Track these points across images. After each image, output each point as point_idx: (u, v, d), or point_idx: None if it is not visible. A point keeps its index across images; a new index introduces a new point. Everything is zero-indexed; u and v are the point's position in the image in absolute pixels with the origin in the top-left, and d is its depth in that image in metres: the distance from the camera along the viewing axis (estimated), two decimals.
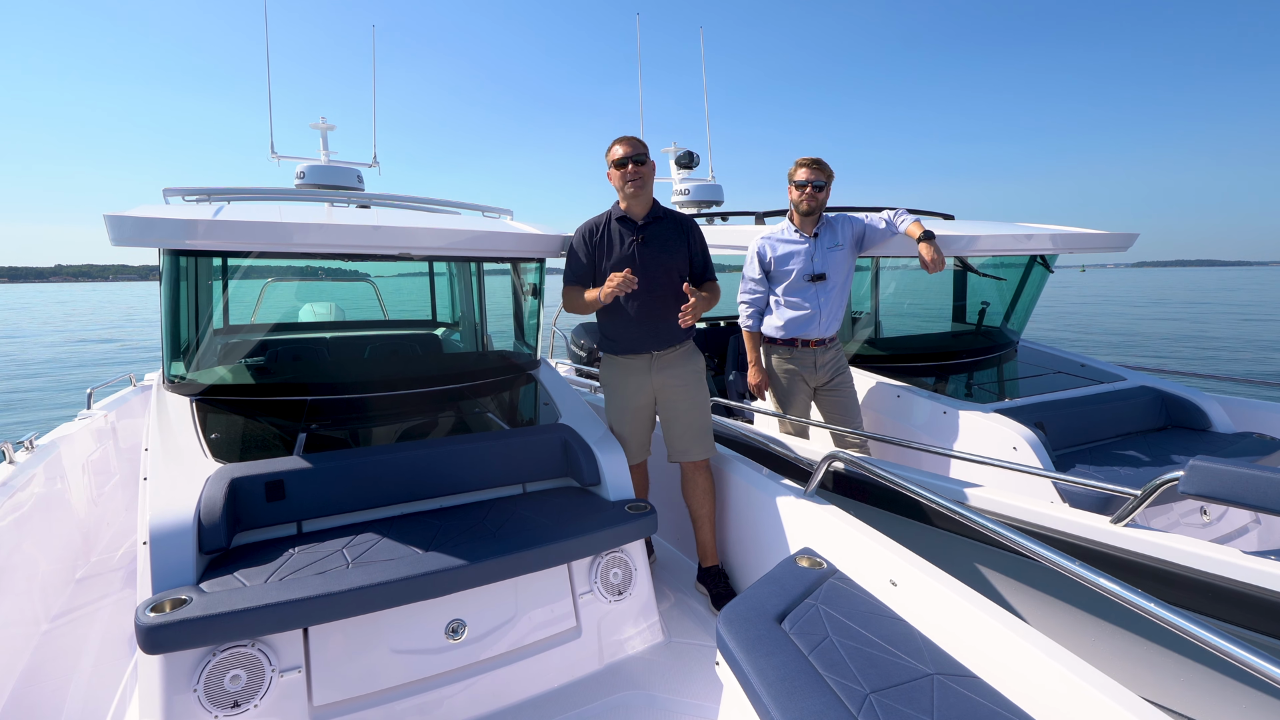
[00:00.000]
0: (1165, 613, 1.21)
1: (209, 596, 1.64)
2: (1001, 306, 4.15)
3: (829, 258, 3.22)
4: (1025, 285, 4.09)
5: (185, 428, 2.28)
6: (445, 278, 4.50)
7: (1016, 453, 2.81)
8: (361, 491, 2.15)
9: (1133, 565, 1.92)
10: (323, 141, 4.81)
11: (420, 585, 1.80)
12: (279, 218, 2.25)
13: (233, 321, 3.87)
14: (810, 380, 3.30)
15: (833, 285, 3.22)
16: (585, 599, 2.23)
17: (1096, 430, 3.15)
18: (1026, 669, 1.41)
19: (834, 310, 3.25)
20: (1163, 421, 3.35)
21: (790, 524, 2.34)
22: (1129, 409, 3.29)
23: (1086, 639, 2.08)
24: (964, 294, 4.21)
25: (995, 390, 3.64)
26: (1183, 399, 3.35)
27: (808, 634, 1.58)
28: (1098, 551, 1.99)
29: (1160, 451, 2.97)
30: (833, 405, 3.32)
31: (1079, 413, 3.16)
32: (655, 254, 2.57)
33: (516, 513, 2.21)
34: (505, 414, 2.82)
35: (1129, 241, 3.61)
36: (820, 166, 3.16)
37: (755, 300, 3.37)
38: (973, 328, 4.20)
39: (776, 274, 3.29)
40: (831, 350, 3.30)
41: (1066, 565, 1.42)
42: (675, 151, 5.92)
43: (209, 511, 1.83)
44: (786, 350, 3.31)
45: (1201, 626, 1.15)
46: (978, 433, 3.00)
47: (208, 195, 3.14)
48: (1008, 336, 4.19)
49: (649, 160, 2.57)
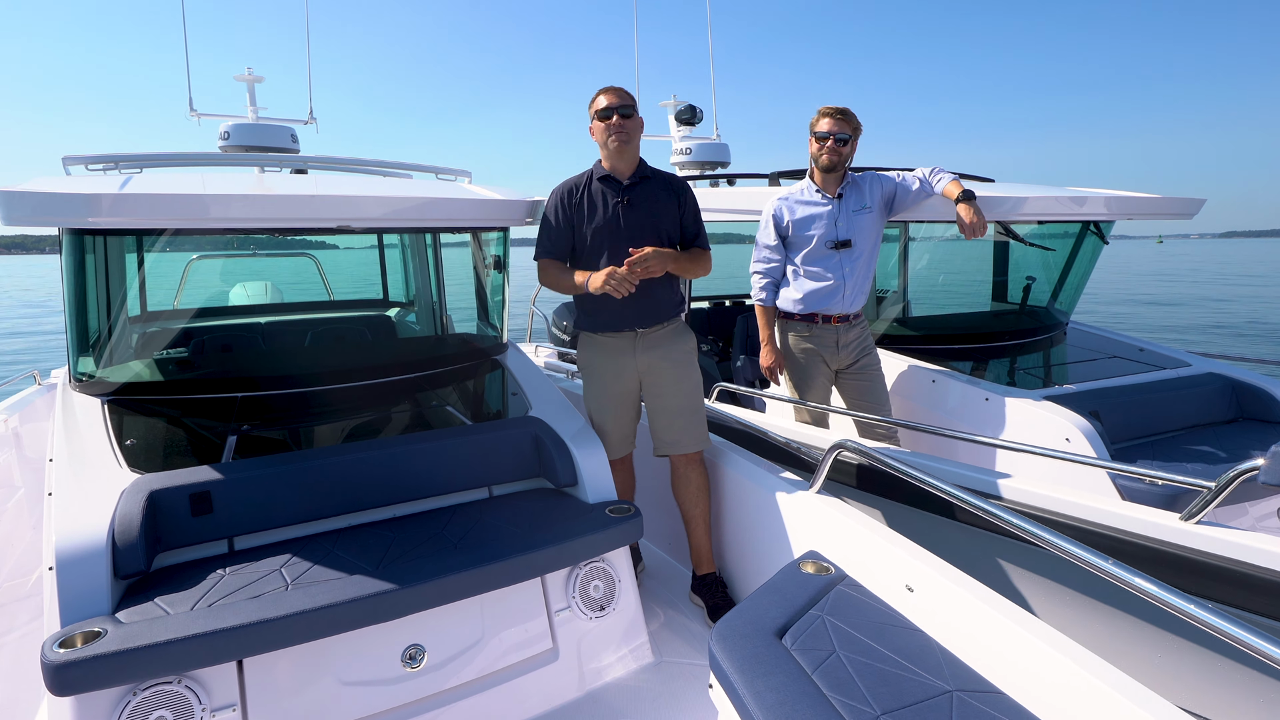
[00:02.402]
0: (1227, 624, 1.12)
1: (126, 628, 1.56)
2: (1049, 282, 3.95)
3: (855, 221, 3.03)
4: (1076, 257, 3.87)
5: (96, 433, 2.17)
6: (398, 250, 4.32)
7: (1070, 444, 2.66)
8: (302, 501, 2.06)
9: (1209, 569, 1.81)
10: (250, 96, 4.50)
11: (371, 607, 1.72)
12: (199, 189, 2.13)
13: (151, 307, 3.68)
14: (832, 362, 3.14)
15: (859, 253, 3.04)
16: (562, 616, 2.15)
17: (1159, 422, 3.00)
18: (1059, 683, 1.36)
19: (860, 282, 3.08)
20: (1234, 413, 3.21)
21: (794, 524, 2.27)
22: (1195, 398, 3.13)
23: (1133, 650, 2.01)
24: (1005, 268, 4.03)
25: (1043, 376, 3.50)
26: (1257, 388, 3.20)
27: (812, 650, 1.53)
28: (1168, 553, 1.88)
29: (1233, 446, 2.83)
30: (857, 390, 3.16)
31: (1139, 401, 3.02)
32: (642, 218, 2.45)
33: (482, 520, 2.14)
34: (468, 407, 2.74)
35: (1195, 207, 3.44)
36: (846, 117, 2.97)
37: (770, 270, 3.18)
38: (1016, 306, 4.02)
39: (795, 240, 3.10)
40: (856, 328, 3.14)
41: (1104, 566, 1.36)
42: (675, 106, 5.52)
43: (124, 530, 1.75)
44: (805, 327, 3.13)
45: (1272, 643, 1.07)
46: (1025, 422, 2.85)
47: (115, 163, 2.97)
48: (1056, 316, 4.02)
49: (637, 115, 2.45)
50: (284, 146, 4.20)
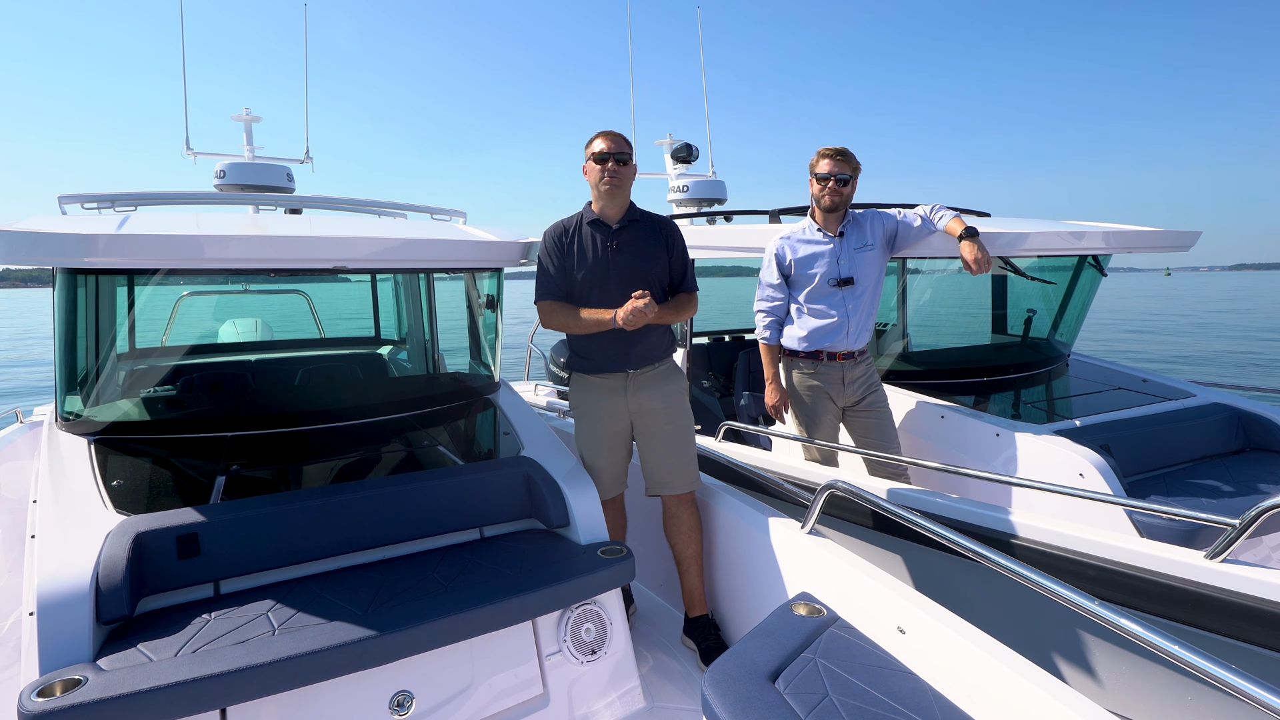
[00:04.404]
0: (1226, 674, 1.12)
1: (108, 675, 1.53)
2: (1049, 314, 4.02)
3: (857, 259, 3.11)
4: (1075, 290, 3.94)
5: (81, 474, 2.16)
6: (390, 286, 4.36)
7: (1083, 480, 2.65)
8: (291, 543, 2.04)
9: (1238, 609, 1.80)
10: (246, 135, 4.58)
11: (359, 653, 1.70)
12: (194, 229, 2.16)
13: (141, 344, 3.68)
14: (838, 399, 3.17)
15: (862, 290, 3.11)
16: (553, 660, 2.13)
17: (1168, 454, 3.02)
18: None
19: (864, 318, 3.14)
20: (1241, 443, 3.24)
21: (787, 565, 2.27)
22: (1202, 429, 3.15)
23: (1133, 693, 2.01)
24: (1005, 301, 4.09)
25: (1050, 410, 3.52)
26: (1262, 418, 3.24)
27: (805, 694, 1.52)
28: (1194, 593, 1.87)
29: (1243, 477, 2.84)
30: (865, 428, 3.18)
31: (1147, 434, 3.03)
32: (631, 261, 2.51)
33: (473, 562, 2.13)
34: (459, 446, 2.75)
35: (1191, 240, 3.52)
36: (845, 157, 3.06)
37: (774, 309, 3.24)
38: (1018, 339, 4.06)
39: (798, 278, 3.17)
40: (862, 364, 3.18)
41: (1097, 611, 1.36)
42: (671, 144, 5.72)
43: (109, 574, 1.73)
44: (810, 364, 3.17)
45: (1269, 690, 1.07)
46: (1036, 458, 2.85)
47: (111, 202, 3.00)
48: (1058, 349, 4.07)
49: (631, 162, 2.54)
50: (279, 185, 4.27)
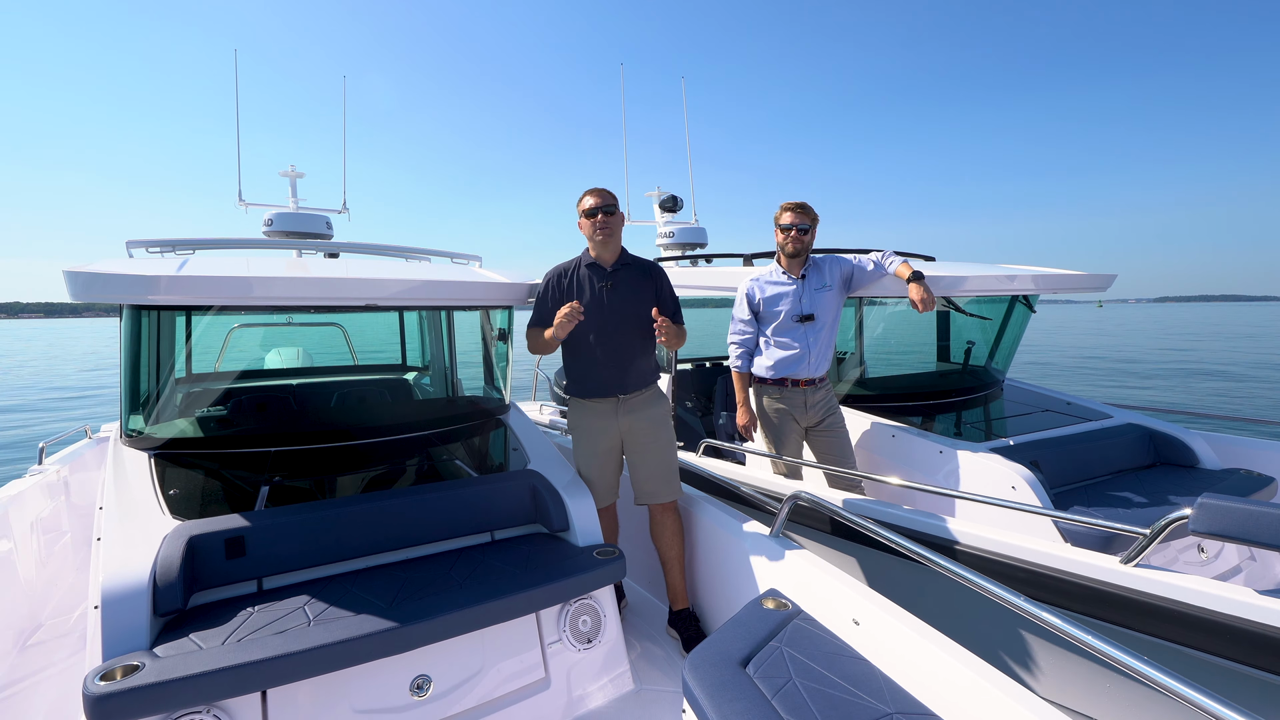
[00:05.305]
0: (1138, 664, 1.25)
1: (162, 661, 1.65)
2: (986, 346, 4.33)
3: (817, 298, 3.40)
4: (1009, 324, 4.27)
5: (142, 484, 2.31)
6: (415, 319, 4.61)
7: (1015, 492, 2.88)
8: (325, 545, 2.18)
9: (1149, 608, 1.97)
10: (291, 189, 4.96)
11: (383, 641, 1.82)
12: (244, 271, 2.33)
13: (196, 369, 3.91)
14: (801, 420, 3.45)
15: (821, 325, 3.40)
16: (554, 648, 2.28)
17: (1088, 469, 3.26)
18: (985, 708, 1.47)
19: (823, 350, 3.42)
20: (1151, 459, 3.47)
21: (758, 565, 2.43)
22: (1118, 447, 3.41)
23: (1056, 678, 2.15)
24: (948, 334, 4.38)
25: (987, 429, 3.77)
26: (1170, 436, 3.47)
27: (772, 678, 1.62)
28: (1110, 594, 2.04)
29: (1153, 489, 3.07)
30: (825, 445, 3.46)
31: (1071, 451, 3.27)
32: (623, 298, 2.73)
33: (484, 562, 2.26)
34: (474, 460, 2.89)
35: (1107, 282, 3.82)
36: (804, 210, 3.37)
37: (745, 341, 3.54)
38: (959, 367, 4.35)
39: (765, 314, 3.47)
40: (822, 390, 3.46)
41: (1023, 606, 1.52)
42: (659, 195, 6.29)
43: (165, 572, 1.85)
44: (777, 390, 3.45)
45: (1174, 678, 1.20)
46: (975, 472, 3.09)
47: (172, 247, 3.22)
48: (994, 375, 4.35)
49: (618, 211, 2.76)
50: (320, 233, 4.56)
